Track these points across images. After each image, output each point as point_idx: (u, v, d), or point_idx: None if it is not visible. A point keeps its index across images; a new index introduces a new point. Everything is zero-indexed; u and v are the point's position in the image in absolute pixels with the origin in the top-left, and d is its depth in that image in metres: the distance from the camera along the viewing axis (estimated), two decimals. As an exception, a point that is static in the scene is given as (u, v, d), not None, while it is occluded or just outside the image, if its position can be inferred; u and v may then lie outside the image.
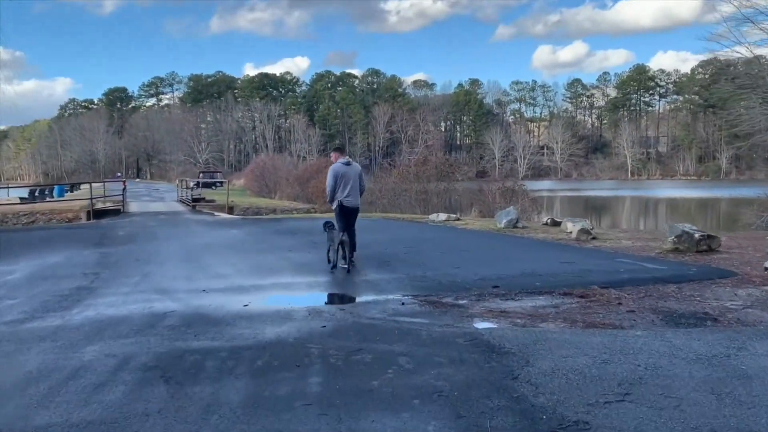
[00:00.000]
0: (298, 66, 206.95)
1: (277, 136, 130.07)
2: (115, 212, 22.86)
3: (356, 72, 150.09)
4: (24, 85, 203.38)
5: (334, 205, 9.67)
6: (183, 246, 13.10)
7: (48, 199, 34.46)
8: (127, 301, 7.41)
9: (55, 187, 40.60)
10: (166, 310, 6.84)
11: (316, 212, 30.62)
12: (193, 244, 13.43)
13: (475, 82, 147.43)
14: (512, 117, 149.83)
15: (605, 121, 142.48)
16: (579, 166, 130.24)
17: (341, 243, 9.20)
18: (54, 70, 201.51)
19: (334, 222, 9.71)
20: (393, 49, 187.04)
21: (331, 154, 10.25)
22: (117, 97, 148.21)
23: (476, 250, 11.78)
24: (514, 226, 15.10)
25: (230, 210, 23.84)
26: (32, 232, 18.35)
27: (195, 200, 26.52)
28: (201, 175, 63.63)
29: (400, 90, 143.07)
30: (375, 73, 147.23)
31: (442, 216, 18.40)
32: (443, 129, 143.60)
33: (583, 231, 12.90)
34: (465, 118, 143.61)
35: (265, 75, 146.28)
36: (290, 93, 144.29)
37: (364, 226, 16.50)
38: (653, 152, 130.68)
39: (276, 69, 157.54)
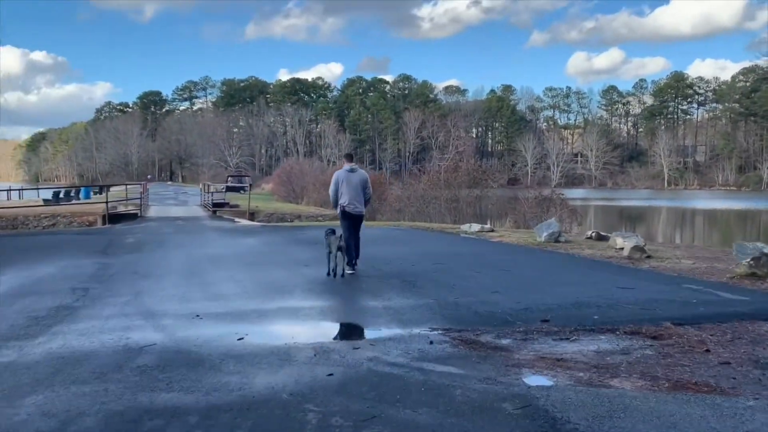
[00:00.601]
0: (331, 72, 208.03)
1: (307, 141, 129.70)
2: (132, 217, 21.98)
3: (388, 78, 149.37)
4: (66, 89, 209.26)
5: (338, 210, 9.89)
6: (191, 257, 11.98)
7: (74, 201, 33.95)
8: (104, 329, 6.23)
9: (82, 189, 40.19)
10: (145, 343, 5.64)
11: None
12: (202, 254, 12.30)
13: (507, 88, 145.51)
14: (545, 124, 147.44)
15: (641, 129, 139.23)
16: (614, 175, 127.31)
17: (339, 248, 9.06)
18: (95, 75, 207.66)
19: (334, 229, 9.60)
20: (426, 56, 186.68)
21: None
22: (151, 101, 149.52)
23: (516, 269, 10.39)
24: (556, 241, 13.67)
25: (251, 216, 22.77)
26: (40, 237, 17.45)
27: (216, 205, 25.49)
28: (229, 179, 63.02)
29: (431, 96, 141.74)
30: (406, 78, 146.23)
31: (475, 227, 17.04)
32: (474, 135, 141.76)
33: (637, 248, 11.45)
34: (497, 124, 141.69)
35: (297, 80, 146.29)
36: (321, 98, 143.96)
37: (389, 237, 15.24)
38: (691, 161, 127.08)
39: (310, 75, 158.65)
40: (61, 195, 35.08)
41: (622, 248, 12.19)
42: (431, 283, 8.61)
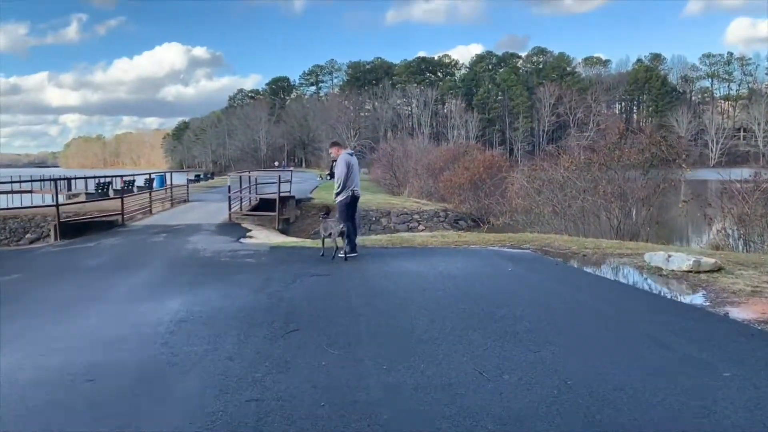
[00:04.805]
0: (470, 52, 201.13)
1: (433, 122, 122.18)
2: (106, 225, 14.96)
3: (521, 53, 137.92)
4: (220, 81, 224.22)
5: (344, 196, 9.54)
6: None
7: (135, 192, 28.44)
8: None
9: (156, 177, 34.65)
10: None
11: (445, 218, 20.95)
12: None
13: (656, 57, 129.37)
14: (700, 96, 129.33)
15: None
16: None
17: (341, 234, 9.04)
18: (247, 68, 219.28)
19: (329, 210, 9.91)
20: (567, 31, 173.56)
21: (331, 150, 10.22)
22: (280, 87, 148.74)
23: None
24: None
25: (286, 223, 14.91)
26: None
27: (253, 209, 16.78)
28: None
29: (568, 69, 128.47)
30: (541, 51, 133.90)
31: (679, 260, 8.12)
32: (617, 111, 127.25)
33: None
34: (644, 97, 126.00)
35: (423, 59, 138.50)
36: (449, 77, 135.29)
37: (484, 291, 6.54)
38: None
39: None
40: (116, 187, 29.61)
41: None
42: None
